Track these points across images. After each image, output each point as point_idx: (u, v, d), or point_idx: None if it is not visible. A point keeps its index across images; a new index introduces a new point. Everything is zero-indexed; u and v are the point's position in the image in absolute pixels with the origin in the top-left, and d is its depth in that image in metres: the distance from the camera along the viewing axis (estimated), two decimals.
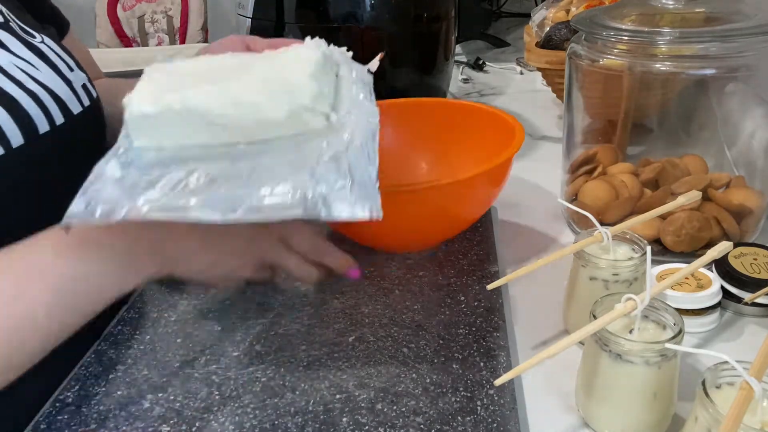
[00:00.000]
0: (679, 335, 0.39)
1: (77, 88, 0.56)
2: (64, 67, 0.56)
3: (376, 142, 0.43)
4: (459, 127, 0.70)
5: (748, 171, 0.64)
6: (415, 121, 0.72)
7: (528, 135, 0.97)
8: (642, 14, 0.63)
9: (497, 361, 0.47)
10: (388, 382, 0.46)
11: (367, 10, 0.89)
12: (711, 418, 0.33)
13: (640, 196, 0.63)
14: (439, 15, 0.95)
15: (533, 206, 0.74)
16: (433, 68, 0.98)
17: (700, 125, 0.68)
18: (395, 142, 0.70)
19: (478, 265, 0.60)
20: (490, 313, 0.53)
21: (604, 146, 0.68)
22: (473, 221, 0.65)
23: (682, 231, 0.58)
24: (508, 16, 1.76)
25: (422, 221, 0.59)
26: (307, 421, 0.43)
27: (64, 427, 0.44)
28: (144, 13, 2.37)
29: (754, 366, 0.34)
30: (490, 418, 0.42)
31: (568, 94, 0.68)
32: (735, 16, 0.58)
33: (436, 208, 0.57)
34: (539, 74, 1.16)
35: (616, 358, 0.40)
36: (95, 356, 0.51)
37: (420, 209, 0.56)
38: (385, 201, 0.39)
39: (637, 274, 0.48)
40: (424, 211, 0.57)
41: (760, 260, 0.54)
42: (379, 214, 0.38)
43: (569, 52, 0.66)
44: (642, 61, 0.59)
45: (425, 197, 0.56)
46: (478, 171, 0.55)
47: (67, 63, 0.57)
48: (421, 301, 0.55)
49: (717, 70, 0.58)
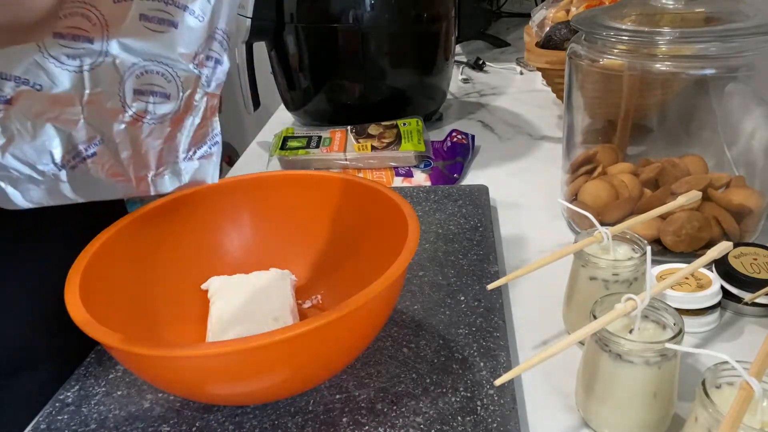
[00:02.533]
0: (679, 335, 0.39)
1: None
2: None
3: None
4: (344, 207, 0.55)
5: (748, 171, 0.64)
6: (283, 200, 0.57)
7: (528, 135, 0.97)
8: (642, 14, 0.63)
9: (497, 361, 0.47)
10: (388, 382, 0.46)
11: (367, 10, 0.89)
12: (711, 418, 0.33)
13: (640, 196, 0.63)
14: (439, 15, 0.95)
15: (533, 206, 0.74)
16: (433, 68, 0.98)
17: (700, 125, 0.68)
18: (263, 223, 0.57)
19: (478, 265, 0.60)
20: (490, 313, 0.53)
21: (604, 146, 0.68)
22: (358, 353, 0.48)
23: (682, 231, 0.58)
24: (508, 16, 1.76)
25: (280, 373, 0.41)
26: (307, 421, 0.43)
27: (64, 427, 0.44)
28: None
29: (754, 366, 0.34)
30: (490, 418, 0.42)
31: (568, 94, 0.68)
32: (735, 16, 0.58)
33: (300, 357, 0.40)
34: (539, 74, 1.17)
35: (616, 358, 0.40)
36: (95, 356, 0.51)
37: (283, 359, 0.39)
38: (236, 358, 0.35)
39: (637, 274, 0.48)
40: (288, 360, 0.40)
41: (760, 260, 0.54)
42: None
43: (569, 52, 0.66)
44: (642, 61, 0.59)
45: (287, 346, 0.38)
46: (353, 307, 0.38)
47: None
48: (421, 301, 0.55)
49: (717, 70, 0.58)
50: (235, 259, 0.56)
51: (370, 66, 0.92)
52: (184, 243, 0.54)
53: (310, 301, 0.56)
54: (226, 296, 0.52)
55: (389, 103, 0.96)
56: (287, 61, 0.96)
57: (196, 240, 0.55)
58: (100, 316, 0.39)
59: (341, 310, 0.37)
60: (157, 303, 0.50)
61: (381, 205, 0.51)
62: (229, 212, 0.56)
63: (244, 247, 0.57)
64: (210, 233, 0.56)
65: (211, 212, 0.56)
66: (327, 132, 0.93)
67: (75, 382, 0.48)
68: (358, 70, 0.93)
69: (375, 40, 0.91)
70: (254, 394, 0.43)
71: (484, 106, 1.11)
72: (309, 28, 0.91)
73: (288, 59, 0.96)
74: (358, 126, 0.93)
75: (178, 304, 0.52)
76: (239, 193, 0.56)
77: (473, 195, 0.73)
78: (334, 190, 0.56)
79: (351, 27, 0.89)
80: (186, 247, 0.54)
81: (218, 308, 0.51)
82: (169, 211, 0.53)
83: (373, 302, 0.39)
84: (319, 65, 0.94)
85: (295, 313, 0.51)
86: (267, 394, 0.43)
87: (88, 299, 0.41)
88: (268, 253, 0.57)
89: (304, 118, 1.02)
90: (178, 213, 0.54)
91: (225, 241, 0.56)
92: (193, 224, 0.55)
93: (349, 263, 0.54)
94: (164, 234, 0.53)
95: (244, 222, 0.57)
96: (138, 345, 0.36)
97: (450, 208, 0.71)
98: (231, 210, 0.56)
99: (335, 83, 0.95)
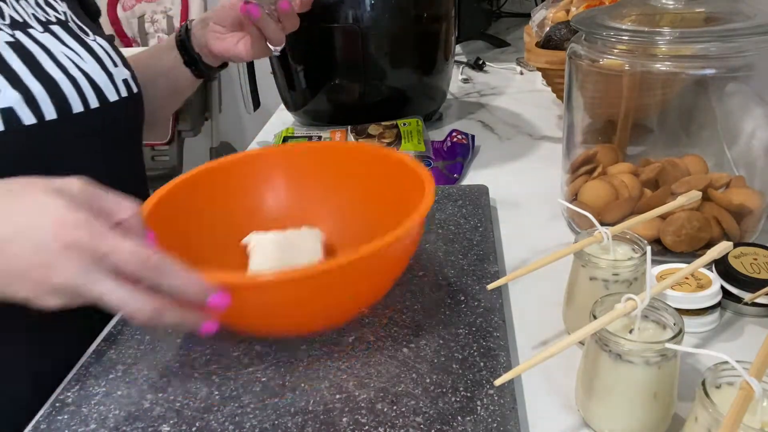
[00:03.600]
0: (679, 335, 0.39)
1: (117, 81, 0.64)
2: (108, 62, 0.64)
3: None
4: (367, 173, 0.61)
5: (748, 171, 0.64)
6: (315, 166, 0.64)
7: (528, 135, 0.97)
8: (642, 14, 0.63)
9: (497, 361, 0.47)
10: (388, 382, 0.46)
11: (367, 10, 0.89)
12: (711, 418, 0.33)
13: (640, 196, 0.63)
14: (439, 15, 0.95)
15: (533, 206, 0.74)
16: (433, 68, 0.98)
17: (700, 125, 0.68)
18: (297, 188, 0.63)
19: (478, 265, 0.60)
20: (490, 313, 0.53)
21: (604, 146, 0.68)
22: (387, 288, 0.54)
23: (682, 231, 0.58)
24: (508, 16, 1.76)
25: (320, 304, 0.48)
26: (307, 421, 0.43)
27: (64, 427, 0.44)
28: (144, 13, 2.37)
29: (754, 366, 0.34)
30: (490, 418, 0.42)
31: (568, 94, 0.68)
32: (735, 16, 0.58)
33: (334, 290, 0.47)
34: (539, 74, 1.17)
35: (616, 358, 0.40)
36: (95, 356, 0.51)
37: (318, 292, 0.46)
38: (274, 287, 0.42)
39: (637, 274, 0.48)
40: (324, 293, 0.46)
41: (760, 260, 0.54)
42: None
43: (569, 52, 0.66)
44: (642, 61, 0.59)
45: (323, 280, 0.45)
46: (383, 243, 0.44)
47: (113, 59, 0.65)
48: (421, 301, 0.55)
49: (717, 70, 0.58)
50: (271, 218, 0.62)
51: (370, 66, 0.92)
52: (227, 203, 0.61)
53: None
54: (263, 250, 0.57)
55: (389, 103, 0.96)
56: (287, 61, 0.96)
57: (238, 201, 0.62)
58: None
59: (364, 250, 0.43)
60: (202, 255, 0.53)
61: (401, 171, 0.57)
62: (266, 177, 0.63)
63: (280, 208, 0.63)
64: (249, 195, 0.63)
65: (251, 177, 0.63)
66: (327, 132, 0.93)
67: (75, 382, 0.48)
68: (358, 70, 0.93)
69: (375, 40, 0.91)
70: (293, 321, 0.49)
71: (484, 106, 1.11)
72: (309, 28, 0.91)
73: (288, 59, 0.96)
74: (358, 126, 0.93)
75: (221, 257, 0.57)
76: (276, 160, 0.64)
77: (473, 195, 0.73)
78: (361, 158, 0.63)
79: (351, 27, 0.89)
80: (228, 207, 0.61)
81: (256, 261, 0.56)
82: (215, 174, 0.60)
83: (392, 246, 0.45)
84: (319, 65, 0.94)
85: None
86: (306, 321, 0.50)
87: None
88: (301, 213, 0.63)
89: (304, 118, 1.02)
90: (222, 176, 0.61)
91: (263, 202, 0.63)
92: (235, 187, 0.62)
93: (373, 223, 0.57)
94: (210, 195, 0.59)
95: (280, 185, 0.64)
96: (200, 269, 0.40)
97: (450, 208, 0.71)
98: (268, 175, 0.64)
99: (335, 83, 0.95)
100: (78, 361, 0.52)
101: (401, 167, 0.57)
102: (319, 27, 0.91)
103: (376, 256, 0.44)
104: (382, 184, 0.59)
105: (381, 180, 0.60)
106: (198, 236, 0.57)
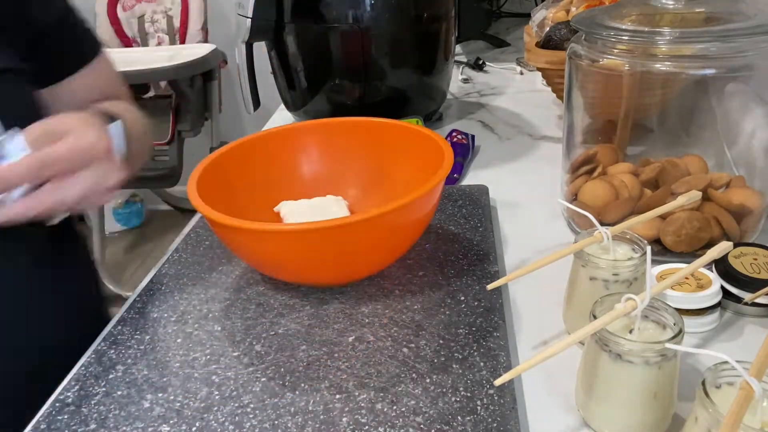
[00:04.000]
0: (679, 335, 0.39)
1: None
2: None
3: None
4: (389, 147, 0.67)
5: (748, 171, 0.64)
6: (342, 141, 0.70)
7: (528, 135, 0.97)
8: (642, 14, 0.63)
9: (497, 361, 0.47)
10: (388, 382, 0.46)
11: (367, 10, 0.89)
12: (711, 418, 0.33)
13: (640, 196, 0.63)
14: (439, 15, 0.95)
15: (533, 206, 0.74)
16: (433, 68, 0.98)
17: (700, 125, 0.68)
18: (322, 161, 0.70)
19: (478, 265, 0.60)
20: (490, 313, 0.53)
21: (604, 146, 0.68)
22: (408, 246, 0.59)
23: (682, 231, 0.58)
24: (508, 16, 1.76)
25: (353, 254, 0.54)
26: (307, 421, 0.43)
27: (64, 427, 0.44)
28: (144, 13, 2.37)
29: (754, 366, 0.34)
30: (490, 418, 0.42)
31: (568, 94, 0.68)
32: (735, 16, 0.58)
33: (368, 240, 0.53)
34: (539, 74, 1.17)
35: (616, 358, 0.40)
36: (95, 356, 0.51)
37: (352, 242, 0.52)
38: (314, 235, 0.49)
39: (637, 274, 0.48)
40: (358, 242, 0.53)
41: (760, 260, 0.54)
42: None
43: (569, 52, 0.66)
44: (642, 61, 0.59)
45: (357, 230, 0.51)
46: (409, 198, 0.51)
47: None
48: (421, 301, 0.55)
49: (717, 70, 0.58)
50: (301, 187, 0.68)
51: (370, 66, 0.92)
52: (261, 173, 0.66)
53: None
54: (294, 216, 0.63)
55: (389, 103, 0.96)
56: (287, 61, 0.96)
57: (271, 171, 0.67)
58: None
59: (386, 207, 0.49)
60: (245, 214, 0.56)
61: (420, 142, 0.63)
62: (298, 149, 0.69)
63: (308, 178, 0.69)
64: (282, 166, 0.68)
65: (283, 149, 0.68)
66: None
67: (75, 382, 0.48)
68: (358, 70, 0.93)
69: (375, 40, 0.91)
70: (317, 271, 0.55)
71: (484, 106, 1.11)
72: (309, 28, 0.91)
73: (288, 59, 0.96)
74: None
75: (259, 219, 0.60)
76: (305, 134, 0.69)
77: (473, 195, 0.73)
78: (381, 132, 0.68)
79: (351, 27, 0.89)
80: (263, 177, 0.67)
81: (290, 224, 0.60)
82: (251, 147, 0.66)
83: (409, 206, 0.51)
84: (320, 65, 0.94)
85: None
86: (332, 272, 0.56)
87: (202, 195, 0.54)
88: (328, 182, 0.69)
89: (304, 118, 1.02)
90: (258, 149, 0.66)
91: (293, 173, 0.69)
92: (269, 158, 0.67)
93: (393, 191, 0.63)
94: (247, 166, 0.65)
95: (311, 158, 0.70)
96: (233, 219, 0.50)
97: (450, 208, 0.71)
98: (299, 147, 0.69)
99: (335, 83, 0.95)
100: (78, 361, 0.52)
101: (425, 141, 0.62)
102: (319, 27, 0.91)
103: (395, 213, 0.50)
104: (403, 156, 0.65)
105: (403, 152, 0.65)
106: (237, 205, 0.59)
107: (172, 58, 2.03)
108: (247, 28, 0.91)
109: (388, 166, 0.67)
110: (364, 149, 0.69)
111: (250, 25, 0.91)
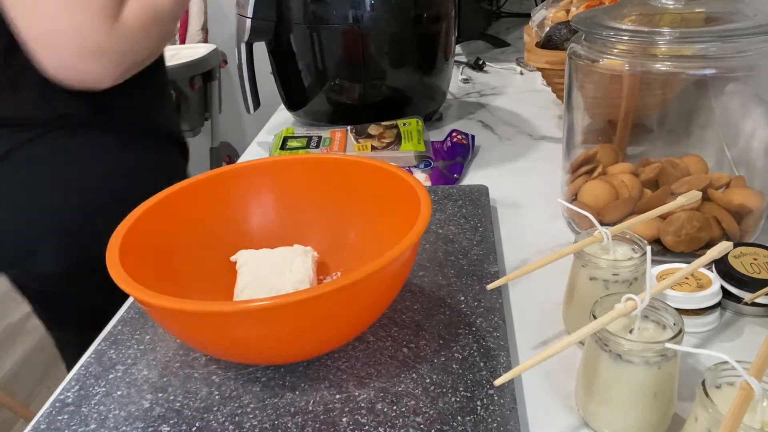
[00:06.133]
0: (679, 335, 0.39)
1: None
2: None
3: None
4: (359, 188, 0.59)
5: (748, 171, 0.64)
6: (305, 179, 0.61)
7: (528, 135, 0.97)
8: (642, 14, 0.63)
9: (497, 361, 0.47)
10: (388, 382, 0.46)
11: (367, 11, 0.89)
12: (711, 418, 0.33)
13: (640, 196, 0.63)
14: (439, 15, 0.95)
15: (533, 206, 0.74)
16: (433, 68, 0.98)
17: (700, 125, 0.68)
18: (285, 204, 0.61)
19: (478, 265, 0.60)
20: (490, 313, 0.53)
21: (604, 146, 0.68)
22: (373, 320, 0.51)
23: (682, 231, 0.58)
24: (508, 16, 1.76)
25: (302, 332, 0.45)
26: (307, 421, 0.43)
27: (64, 427, 0.44)
28: None
29: (754, 366, 0.34)
30: (490, 418, 0.42)
31: (568, 94, 0.68)
32: (735, 16, 0.58)
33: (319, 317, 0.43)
34: (539, 74, 1.17)
35: (616, 358, 0.40)
36: (95, 356, 0.51)
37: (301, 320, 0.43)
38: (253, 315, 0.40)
39: (637, 274, 0.48)
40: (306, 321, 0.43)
41: (760, 260, 0.54)
42: None
43: (569, 52, 0.66)
44: (642, 61, 0.59)
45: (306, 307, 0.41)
46: (371, 270, 0.41)
47: None
48: (421, 301, 0.55)
49: (717, 70, 0.58)
50: (262, 235, 0.60)
51: (370, 66, 0.92)
52: (215, 218, 0.58)
53: (330, 278, 0.58)
54: (252, 268, 0.55)
55: (389, 103, 0.96)
56: (287, 61, 0.96)
57: (227, 216, 0.59)
58: (135, 276, 0.43)
59: (352, 277, 0.40)
60: (188, 271, 0.54)
61: (397, 188, 0.54)
62: (256, 191, 0.60)
63: (271, 225, 0.61)
64: (239, 210, 0.60)
65: (241, 191, 0.60)
66: (327, 132, 0.93)
67: (75, 382, 0.48)
68: (358, 70, 0.93)
69: (375, 40, 0.91)
70: (275, 350, 0.46)
71: (484, 106, 1.11)
72: (309, 28, 0.91)
73: (288, 59, 0.96)
74: (358, 126, 0.93)
75: (208, 273, 0.55)
76: (265, 173, 0.61)
77: (473, 195, 0.73)
78: (353, 172, 0.59)
79: (351, 27, 0.89)
80: (217, 223, 0.58)
81: (244, 278, 0.54)
82: (202, 189, 0.57)
83: (381, 272, 0.42)
84: (319, 65, 0.94)
85: (314, 284, 0.53)
86: (289, 350, 0.47)
87: (125, 262, 0.44)
88: (293, 230, 0.61)
89: (304, 118, 1.02)
90: (210, 191, 0.58)
91: (253, 218, 0.61)
92: (225, 202, 0.59)
93: (367, 242, 0.57)
94: (198, 209, 0.57)
95: (269, 201, 0.61)
96: (164, 298, 0.40)
97: (450, 208, 0.71)
98: (258, 189, 0.61)
99: (335, 83, 0.95)
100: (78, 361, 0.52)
101: (396, 181, 0.54)
102: (319, 27, 0.91)
103: (357, 287, 0.40)
104: (376, 198, 0.57)
105: (376, 195, 0.57)
106: (185, 253, 0.54)
107: (172, 58, 2.03)
108: (247, 28, 0.91)
109: (361, 208, 0.59)
110: (332, 190, 0.60)
111: (250, 25, 0.91)
